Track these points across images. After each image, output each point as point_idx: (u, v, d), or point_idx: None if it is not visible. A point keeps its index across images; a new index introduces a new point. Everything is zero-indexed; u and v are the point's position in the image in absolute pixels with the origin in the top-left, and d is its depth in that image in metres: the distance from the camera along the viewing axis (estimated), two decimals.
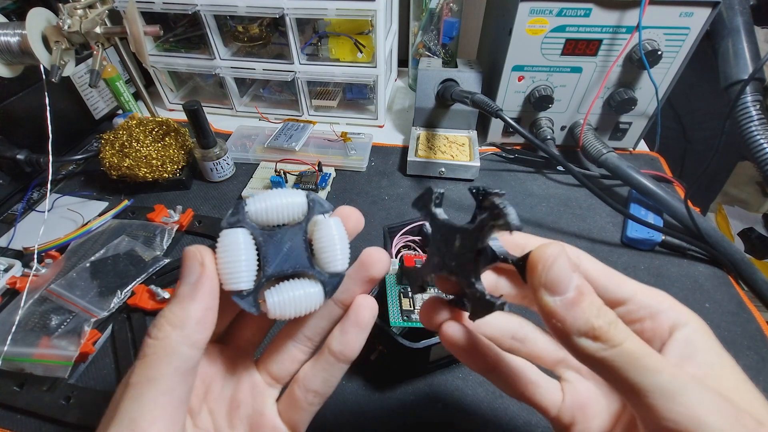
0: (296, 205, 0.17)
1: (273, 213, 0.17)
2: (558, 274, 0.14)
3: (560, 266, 0.14)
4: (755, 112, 0.39)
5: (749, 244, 1.23)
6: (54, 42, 0.41)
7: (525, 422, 0.30)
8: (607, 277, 0.17)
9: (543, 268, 0.14)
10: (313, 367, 0.19)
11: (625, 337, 0.13)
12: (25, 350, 0.33)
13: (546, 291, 0.14)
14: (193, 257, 0.16)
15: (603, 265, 0.17)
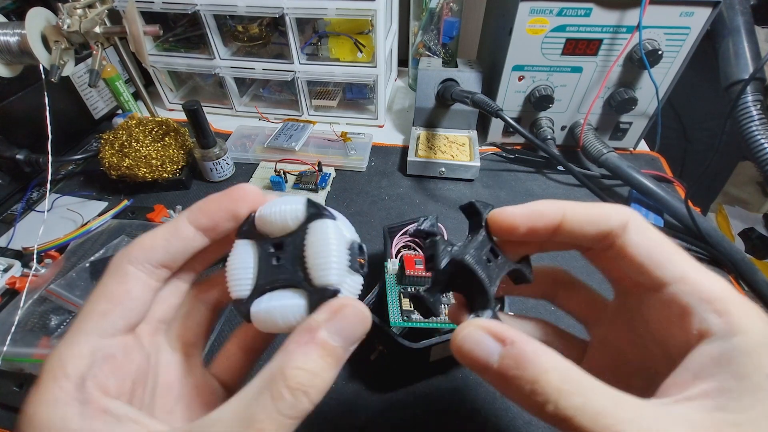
0: (291, 212, 0.16)
1: (269, 222, 0.16)
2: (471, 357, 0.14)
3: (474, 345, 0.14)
4: (756, 111, 0.39)
5: (750, 244, 1.23)
6: (53, 42, 0.41)
7: (525, 422, 0.30)
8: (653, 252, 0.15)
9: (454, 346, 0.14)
10: None
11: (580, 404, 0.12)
12: (25, 350, 0.33)
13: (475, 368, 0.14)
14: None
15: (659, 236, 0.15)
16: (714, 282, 0.14)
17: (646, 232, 0.15)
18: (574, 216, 0.16)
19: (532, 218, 0.16)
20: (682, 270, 0.14)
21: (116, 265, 0.16)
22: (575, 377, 0.12)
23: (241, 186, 0.17)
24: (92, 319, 0.15)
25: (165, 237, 0.16)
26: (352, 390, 0.32)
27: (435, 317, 0.19)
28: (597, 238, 0.16)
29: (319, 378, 0.13)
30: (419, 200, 0.49)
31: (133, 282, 0.15)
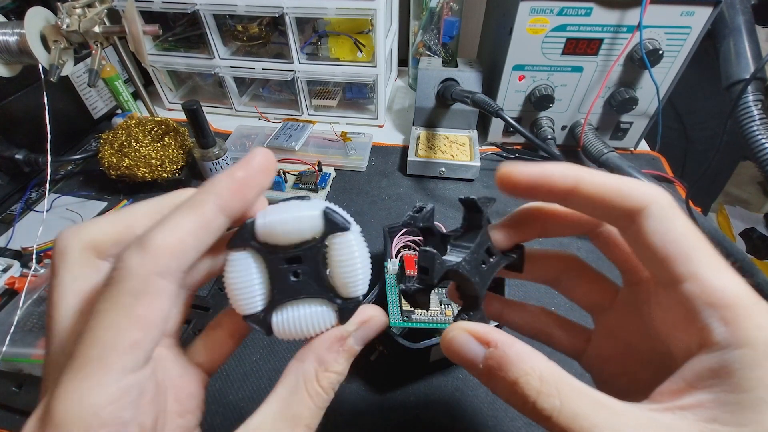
0: (308, 225, 0.15)
1: (280, 234, 0.15)
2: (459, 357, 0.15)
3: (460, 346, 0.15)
4: (757, 111, 0.39)
5: (751, 244, 1.23)
6: (53, 41, 0.41)
7: (526, 423, 0.30)
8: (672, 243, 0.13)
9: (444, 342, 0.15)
10: None
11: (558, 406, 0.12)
12: (24, 351, 0.33)
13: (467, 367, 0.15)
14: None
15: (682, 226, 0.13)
16: (728, 284, 0.12)
17: (669, 218, 0.13)
18: (590, 187, 0.14)
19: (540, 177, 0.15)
20: (697, 268, 0.13)
21: (142, 279, 0.12)
22: (555, 379, 0.13)
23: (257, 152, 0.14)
24: (121, 353, 0.12)
25: (195, 235, 0.13)
26: (352, 390, 0.32)
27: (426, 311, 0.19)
28: (612, 217, 0.14)
29: (342, 376, 0.16)
30: (419, 200, 0.49)
31: (165, 299, 0.12)
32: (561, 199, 0.15)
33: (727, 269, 0.13)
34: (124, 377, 0.12)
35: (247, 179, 0.14)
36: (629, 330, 0.17)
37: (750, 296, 0.12)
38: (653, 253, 0.13)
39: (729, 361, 0.11)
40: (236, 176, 0.14)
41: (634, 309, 0.17)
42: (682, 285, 0.13)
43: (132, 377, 0.12)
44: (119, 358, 0.12)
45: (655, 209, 0.13)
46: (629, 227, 0.14)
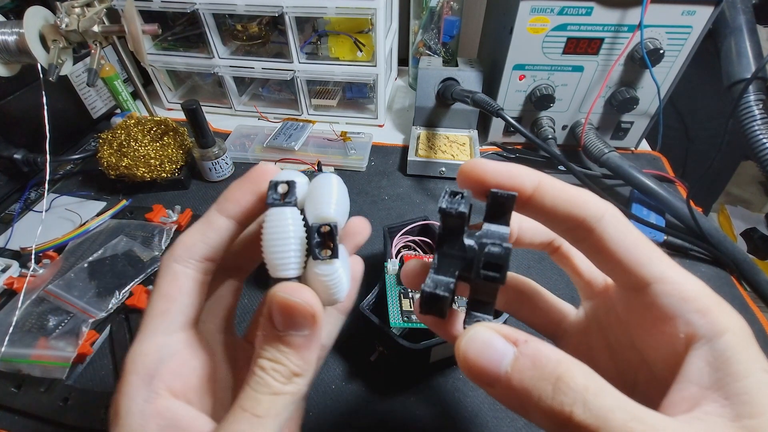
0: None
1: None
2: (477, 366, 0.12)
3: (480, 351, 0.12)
4: (758, 111, 0.39)
5: (752, 244, 1.23)
6: (52, 41, 0.41)
7: (526, 424, 0.30)
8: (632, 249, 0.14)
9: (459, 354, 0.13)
10: None
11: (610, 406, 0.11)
12: (23, 351, 0.33)
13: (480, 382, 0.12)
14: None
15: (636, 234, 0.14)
16: (693, 281, 0.13)
17: (624, 227, 0.14)
18: (550, 190, 0.15)
19: (503, 176, 0.15)
20: (662, 269, 0.13)
21: (165, 266, 0.16)
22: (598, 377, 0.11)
23: (259, 166, 0.17)
24: (155, 319, 0.16)
25: (200, 231, 0.17)
26: (351, 391, 0.32)
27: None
28: (569, 223, 0.15)
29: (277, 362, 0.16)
30: (419, 200, 0.49)
31: (183, 279, 0.16)
32: (523, 203, 0.15)
33: (681, 268, 0.14)
34: (158, 338, 0.16)
35: (238, 187, 0.17)
36: (593, 349, 0.18)
37: (707, 288, 0.13)
38: (617, 260, 0.14)
39: (720, 350, 0.12)
40: (232, 186, 0.17)
41: (596, 327, 0.18)
42: (651, 286, 0.14)
43: (164, 339, 0.16)
44: (152, 323, 0.16)
45: (609, 217, 0.14)
46: (587, 237, 0.15)
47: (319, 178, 0.16)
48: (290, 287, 0.15)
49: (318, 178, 0.16)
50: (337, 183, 0.16)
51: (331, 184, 0.16)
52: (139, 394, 0.15)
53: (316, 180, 0.17)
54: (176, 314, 0.16)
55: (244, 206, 0.17)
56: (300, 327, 0.15)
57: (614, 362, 0.17)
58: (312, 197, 0.16)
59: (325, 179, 0.16)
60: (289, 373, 0.15)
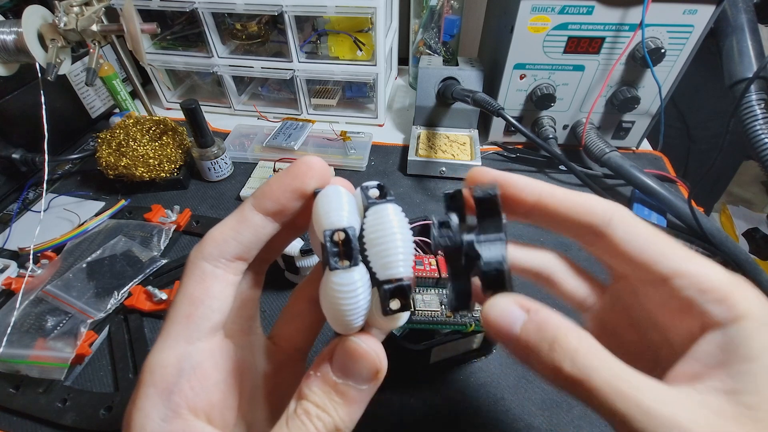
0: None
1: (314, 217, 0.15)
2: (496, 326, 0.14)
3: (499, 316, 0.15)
4: (760, 110, 0.39)
5: (754, 244, 1.23)
6: (50, 40, 0.41)
7: (527, 425, 0.30)
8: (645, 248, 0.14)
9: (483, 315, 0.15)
10: None
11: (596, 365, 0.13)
12: (21, 352, 0.33)
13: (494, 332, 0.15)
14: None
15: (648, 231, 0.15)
16: (711, 271, 0.14)
17: (634, 227, 0.15)
18: (551, 200, 0.15)
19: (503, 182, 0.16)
20: (678, 264, 0.14)
21: (192, 264, 0.15)
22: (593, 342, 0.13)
23: (304, 160, 0.15)
24: (177, 323, 0.14)
25: (233, 228, 0.15)
26: None
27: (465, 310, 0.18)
28: (578, 230, 0.15)
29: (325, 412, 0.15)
30: (419, 200, 0.48)
31: (211, 279, 0.15)
32: (526, 212, 0.16)
33: (700, 257, 0.14)
34: (180, 347, 0.14)
35: (278, 182, 0.15)
36: (619, 324, 0.18)
37: (727, 275, 0.14)
38: (631, 260, 0.15)
39: (732, 335, 0.13)
40: (271, 181, 0.16)
41: (622, 304, 0.18)
42: (671, 281, 0.14)
43: (186, 348, 0.14)
44: (174, 329, 0.14)
45: (617, 220, 0.15)
46: (597, 242, 0.15)
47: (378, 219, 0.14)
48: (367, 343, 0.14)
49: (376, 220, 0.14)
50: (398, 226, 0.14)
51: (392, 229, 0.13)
52: (157, 412, 0.13)
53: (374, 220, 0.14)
54: (201, 319, 0.15)
55: (284, 205, 0.15)
56: (361, 380, 0.14)
57: (639, 339, 0.17)
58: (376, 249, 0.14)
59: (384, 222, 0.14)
60: (332, 426, 0.14)
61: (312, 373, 0.14)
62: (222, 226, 0.15)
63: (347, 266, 0.13)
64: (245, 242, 0.15)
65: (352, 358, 0.14)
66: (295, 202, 0.15)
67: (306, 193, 0.15)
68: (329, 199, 0.14)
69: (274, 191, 0.15)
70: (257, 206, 0.15)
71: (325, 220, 0.14)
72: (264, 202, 0.15)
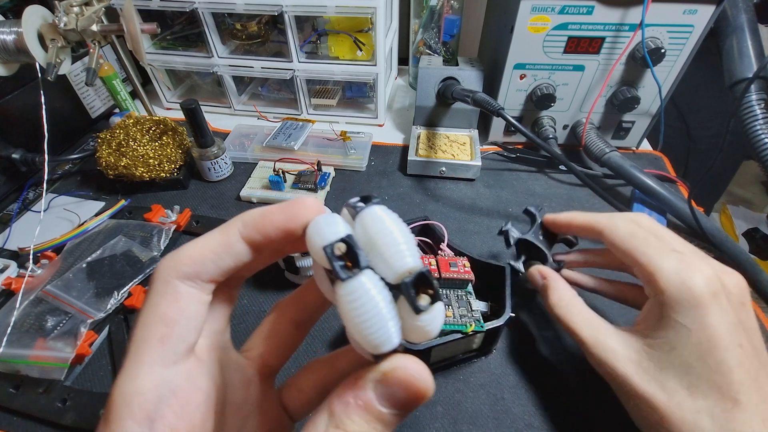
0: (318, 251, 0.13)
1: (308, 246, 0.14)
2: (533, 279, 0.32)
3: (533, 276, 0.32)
4: (760, 110, 0.39)
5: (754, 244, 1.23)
6: (50, 40, 0.41)
7: (527, 425, 0.30)
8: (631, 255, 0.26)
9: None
10: None
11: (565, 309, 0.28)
12: (21, 352, 0.33)
13: None
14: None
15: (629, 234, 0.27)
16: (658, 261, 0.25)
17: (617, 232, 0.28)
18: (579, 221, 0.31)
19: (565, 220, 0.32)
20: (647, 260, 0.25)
21: (164, 282, 0.14)
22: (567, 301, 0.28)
23: (301, 200, 0.15)
24: (151, 346, 0.13)
25: (215, 251, 0.14)
26: None
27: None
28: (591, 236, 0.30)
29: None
30: (419, 200, 0.48)
31: (186, 300, 0.14)
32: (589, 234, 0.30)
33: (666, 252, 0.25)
34: (155, 371, 0.13)
35: (271, 218, 0.15)
36: None
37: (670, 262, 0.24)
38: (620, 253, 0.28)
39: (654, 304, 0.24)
40: (265, 213, 0.15)
41: None
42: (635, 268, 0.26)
43: (163, 372, 0.13)
44: (147, 352, 0.13)
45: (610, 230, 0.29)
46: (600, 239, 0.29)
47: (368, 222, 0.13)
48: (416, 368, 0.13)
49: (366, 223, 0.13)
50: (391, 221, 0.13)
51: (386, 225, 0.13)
52: None
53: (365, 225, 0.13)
54: (177, 341, 0.14)
55: (271, 240, 0.15)
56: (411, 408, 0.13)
57: None
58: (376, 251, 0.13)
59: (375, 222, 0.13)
60: None
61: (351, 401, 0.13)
62: (201, 246, 0.15)
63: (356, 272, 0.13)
64: (224, 267, 0.15)
65: (400, 388, 0.13)
66: (283, 240, 0.15)
67: (296, 235, 0.15)
68: (319, 223, 0.14)
69: (265, 225, 0.15)
70: (244, 235, 0.15)
71: (320, 239, 0.13)
72: (252, 233, 0.15)
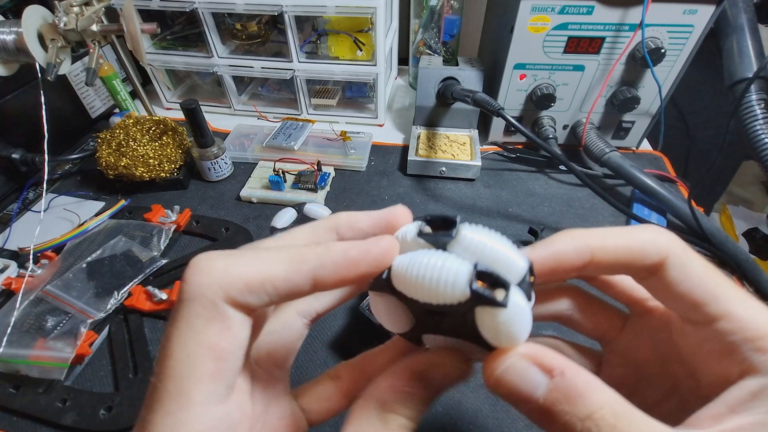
0: (449, 284, 0.12)
1: (417, 291, 0.13)
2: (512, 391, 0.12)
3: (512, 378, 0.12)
4: (760, 110, 0.39)
5: (754, 244, 1.22)
6: (50, 40, 0.41)
7: (527, 425, 0.30)
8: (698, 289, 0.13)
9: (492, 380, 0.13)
10: None
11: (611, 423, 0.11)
12: (21, 352, 0.33)
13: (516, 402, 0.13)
14: None
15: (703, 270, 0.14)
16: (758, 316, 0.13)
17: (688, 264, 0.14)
18: (605, 254, 0.14)
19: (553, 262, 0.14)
20: (728, 307, 0.13)
21: (211, 304, 0.12)
22: (629, 413, 0.11)
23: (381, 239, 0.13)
24: (202, 383, 0.12)
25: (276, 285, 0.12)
26: None
27: None
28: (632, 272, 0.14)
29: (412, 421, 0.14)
30: (419, 200, 0.48)
31: (239, 328, 0.12)
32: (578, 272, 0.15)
33: (752, 300, 0.13)
34: (208, 411, 0.12)
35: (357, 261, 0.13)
36: (641, 354, 0.17)
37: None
38: (680, 299, 0.14)
39: (766, 384, 0.12)
40: (350, 255, 0.13)
41: (646, 336, 0.17)
42: (716, 323, 0.13)
43: (216, 410, 0.12)
44: (199, 389, 0.11)
45: (673, 259, 0.14)
46: (648, 278, 0.14)
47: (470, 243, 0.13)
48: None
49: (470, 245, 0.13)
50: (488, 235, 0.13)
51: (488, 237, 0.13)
52: None
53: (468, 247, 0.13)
54: (230, 375, 0.12)
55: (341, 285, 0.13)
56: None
57: (661, 371, 0.16)
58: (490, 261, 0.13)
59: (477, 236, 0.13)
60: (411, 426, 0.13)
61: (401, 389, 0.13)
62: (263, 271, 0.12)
63: (504, 292, 0.12)
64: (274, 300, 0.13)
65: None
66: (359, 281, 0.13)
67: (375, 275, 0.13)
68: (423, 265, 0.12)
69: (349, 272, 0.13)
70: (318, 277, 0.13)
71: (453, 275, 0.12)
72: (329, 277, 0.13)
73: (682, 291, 0.14)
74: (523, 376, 0.12)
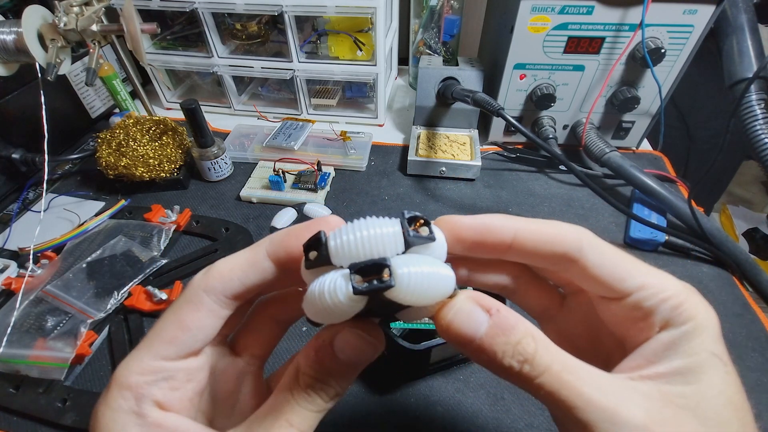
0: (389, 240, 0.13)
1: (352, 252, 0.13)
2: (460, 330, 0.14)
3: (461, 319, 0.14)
4: (760, 110, 0.39)
5: (754, 244, 1.23)
6: (50, 40, 0.41)
7: (527, 425, 0.30)
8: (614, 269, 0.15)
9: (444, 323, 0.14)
10: None
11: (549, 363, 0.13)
12: (21, 352, 0.33)
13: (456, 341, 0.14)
14: None
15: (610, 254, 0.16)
16: (668, 282, 0.15)
17: (601, 251, 0.16)
18: (527, 235, 0.16)
19: (480, 232, 0.16)
20: (642, 279, 0.15)
21: (193, 291, 0.16)
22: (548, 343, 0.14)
23: (325, 218, 0.16)
24: (160, 341, 0.15)
25: (242, 268, 0.16)
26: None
27: None
28: (551, 260, 0.16)
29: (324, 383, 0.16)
30: (419, 200, 0.48)
31: (206, 312, 0.16)
32: (502, 253, 0.16)
33: (658, 270, 0.15)
34: (155, 361, 0.15)
35: (296, 235, 0.16)
36: (574, 332, 0.19)
37: (686, 287, 0.15)
38: (601, 281, 0.15)
39: (677, 335, 0.14)
40: (291, 231, 0.16)
41: (578, 315, 0.19)
42: (634, 294, 0.15)
43: (162, 364, 0.15)
44: (155, 344, 0.15)
45: (588, 245, 0.15)
46: (570, 267, 0.16)
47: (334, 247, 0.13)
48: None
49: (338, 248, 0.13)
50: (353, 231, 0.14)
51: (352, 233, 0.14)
52: (132, 408, 0.15)
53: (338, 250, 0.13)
54: (184, 345, 0.16)
55: (294, 257, 0.16)
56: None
57: (593, 346, 0.18)
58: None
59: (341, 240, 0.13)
60: (334, 394, 0.15)
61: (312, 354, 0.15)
62: (231, 263, 0.16)
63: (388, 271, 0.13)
64: (249, 285, 0.16)
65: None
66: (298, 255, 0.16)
67: None
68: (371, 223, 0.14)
69: (290, 242, 0.16)
70: (271, 253, 0.16)
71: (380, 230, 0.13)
72: (279, 251, 0.16)
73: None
74: (470, 315, 0.14)
